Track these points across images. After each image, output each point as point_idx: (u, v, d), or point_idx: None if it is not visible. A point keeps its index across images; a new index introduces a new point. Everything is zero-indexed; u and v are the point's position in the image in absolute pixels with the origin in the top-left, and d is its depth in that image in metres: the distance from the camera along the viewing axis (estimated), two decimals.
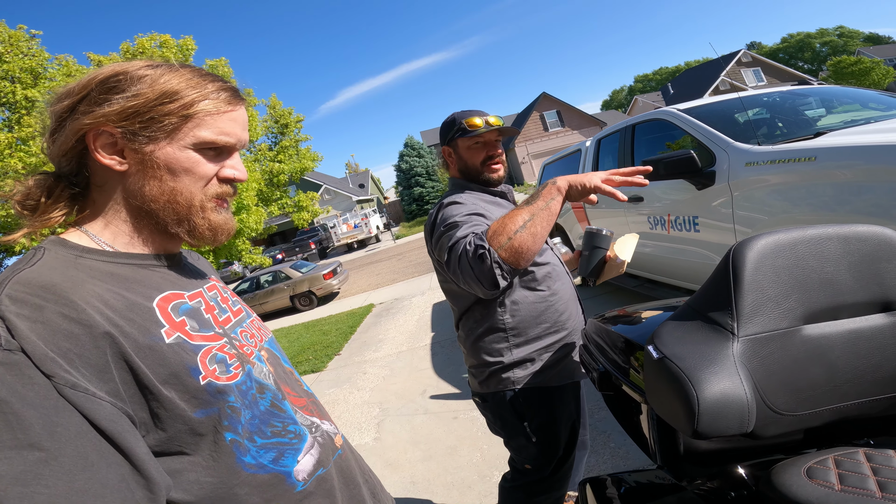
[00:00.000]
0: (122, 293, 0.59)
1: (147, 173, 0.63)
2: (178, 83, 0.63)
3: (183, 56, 8.49)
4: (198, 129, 0.64)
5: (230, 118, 0.67)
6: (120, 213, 0.65)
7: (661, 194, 3.20)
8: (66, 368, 0.49)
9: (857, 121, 2.55)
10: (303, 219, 12.07)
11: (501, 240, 1.05)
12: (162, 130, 0.62)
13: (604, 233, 1.42)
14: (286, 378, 0.77)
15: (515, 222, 1.06)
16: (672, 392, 0.72)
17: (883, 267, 0.78)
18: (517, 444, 1.40)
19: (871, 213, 1.81)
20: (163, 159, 0.63)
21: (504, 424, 1.39)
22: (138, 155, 0.62)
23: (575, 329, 1.40)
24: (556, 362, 1.34)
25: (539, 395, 1.32)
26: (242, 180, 0.71)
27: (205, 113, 0.64)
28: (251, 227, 8.27)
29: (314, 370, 5.39)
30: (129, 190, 0.64)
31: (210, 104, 0.65)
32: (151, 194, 0.63)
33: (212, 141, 0.65)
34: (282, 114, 12.97)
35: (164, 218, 0.65)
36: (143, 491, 0.51)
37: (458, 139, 1.43)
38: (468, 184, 1.46)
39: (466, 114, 1.43)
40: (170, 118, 0.62)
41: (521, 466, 1.44)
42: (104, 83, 0.62)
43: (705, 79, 34.67)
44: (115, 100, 0.61)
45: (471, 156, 1.43)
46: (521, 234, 1.05)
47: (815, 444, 0.87)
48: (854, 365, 0.77)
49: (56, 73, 7.44)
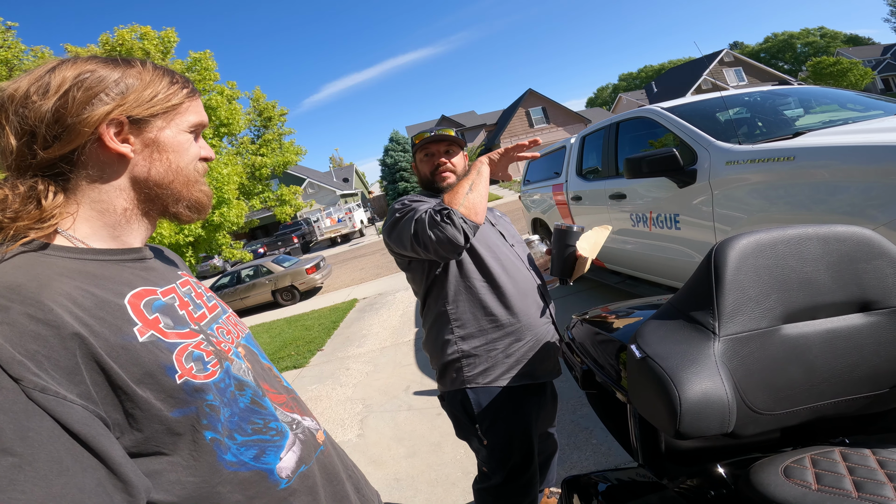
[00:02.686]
0: (92, 291, 0.56)
1: (153, 157, 0.66)
2: (154, 79, 0.68)
3: (164, 48, 8.29)
4: (188, 115, 0.71)
5: (199, 104, 0.74)
6: (84, 210, 0.63)
7: (643, 192, 3.23)
8: (34, 371, 0.47)
9: (835, 121, 2.60)
10: (285, 213, 11.93)
11: (457, 201, 1.23)
12: (160, 116, 0.67)
13: (574, 229, 1.41)
14: (265, 375, 0.76)
15: (462, 188, 1.25)
16: (654, 392, 0.71)
17: (861, 267, 0.79)
18: (473, 446, 1.44)
19: (846, 213, 1.84)
20: (167, 142, 0.67)
21: (458, 423, 1.43)
22: (143, 140, 0.66)
23: (529, 326, 1.37)
24: (509, 361, 1.33)
25: (490, 396, 1.31)
26: (212, 158, 0.78)
27: (189, 100, 0.71)
28: (232, 221, 8.12)
29: (296, 366, 5.33)
30: (135, 175, 0.66)
31: (185, 93, 0.71)
32: (160, 175, 0.67)
33: (198, 123, 0.73)
34: (265, 107, 12.78)
35: (169, 197, 0.69)
36: (121, 494, 0.50)
37: (415, 153, 1.58)
38: (427, 193, 1.56)
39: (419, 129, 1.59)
40: (165, 104, 0.67)
41: (480, 468, 1.45)
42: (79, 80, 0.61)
43: (688, 78, 35.17)
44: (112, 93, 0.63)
45: (423, 167, 1.57)
46: (470, 195, 1.23)
47: (792, 443, 0.89)
48: (831, 364, 0.78)
49: (31, 64, 7.23)
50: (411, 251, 1.29)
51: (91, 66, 0.63)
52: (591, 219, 4.09)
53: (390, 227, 1.36)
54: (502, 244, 1.48)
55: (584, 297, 4.87)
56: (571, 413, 2.65)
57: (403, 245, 1.30)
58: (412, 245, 1.26)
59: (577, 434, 2.46)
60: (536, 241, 1.76)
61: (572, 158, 4.54)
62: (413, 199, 1.41)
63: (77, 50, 7.70)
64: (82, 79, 0.61)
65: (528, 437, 1.35)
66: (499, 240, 1.49)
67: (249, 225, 11.01)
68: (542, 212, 5.31)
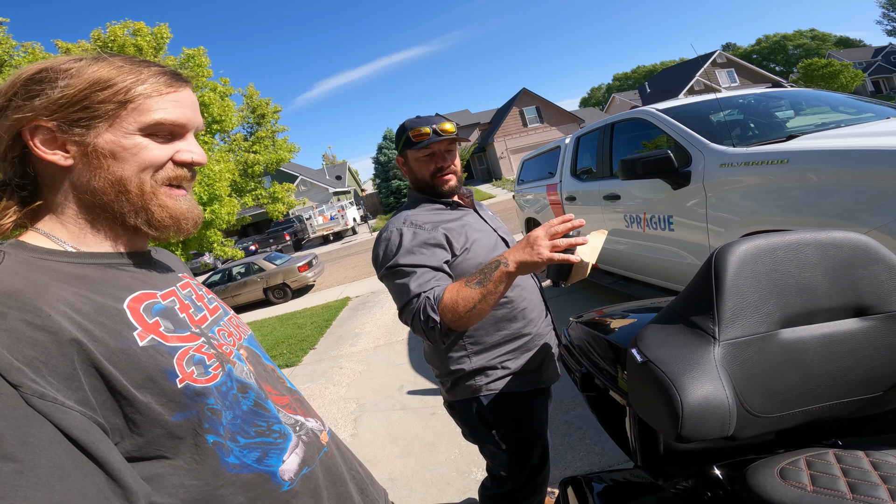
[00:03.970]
0: (90, 296, 0.56)
1: (92, 164, 0.60)
2: (108, 71, 0.60)
3: (157, 44, 8.21)
4: (139, 114, 0.61)
5: (174, 99, 0.64)
6: (74, 211, 0.62)
7: (637, 193, 3.25)
8: (32, 378, 0.47)
9: (827, 124, 2.63)
10: (278, 210, 11.86)
11: (452, 316, 1.09)
12: (99, 118, 0.59)
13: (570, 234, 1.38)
14: (267, 376, 0.76)
15: (468, 301, 1.08)
16: (656, 396, 0.72)
17: (857, 273, 0.81)
18: (489, 451, 1.41)
19: (837, 216, 1.87)
20: (107, 148, 0.60)
21: (473, 432, 1.39)
22: (80, 147, 0.59)
23: (539, 334, 1.38)
24: (521, 369, 1.32)
25: (505, 402, 1.31)
26: (201, 163, 0.68)
27: (144, 96, 0.61)
28: (223, 218, 8.07)
29: (289, 364, 5.31)
30: (78, 185, 0.61)
31: (148, 87, 0.62)
32: (100, 186, 0.60)
33: (156, 122, 0.62)
34: (259, 104, 12.69)
35: (119, 210, 0.62)
36: (119, 500, 0.50)
37: (406, 150, 1.38)
38: (422, 196, 1.42)
39: (415, 122, 1.35)
40: (105, 105, 0.59)
41: (497, 473, 1.43)
42: (30, 80, 0.59)
43: (681, 79, 35.42)
44: (45, 93, 0.58)
45: (420, 168, 1.38)
46: (471, 313, 1.09)
47: (786, 445, 0.90)
48: (827, 368, 0.79)
49: (22, 60, 7.15)
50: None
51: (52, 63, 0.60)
52: (585, 219, 4.10)
53: (387, 273, 1.25)
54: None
55: (578, 297, 4.89)
56: (565, 413, 2.66)
57: (393, 299, 1.25)
58: (399, 313, 1.22)
59: (571, 434, 2.48)
60: None
61: (567, 158, 4.55)
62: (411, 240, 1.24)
63: (68, 46, 7.60)
64: (32, 78, 0.59)
65: (544, 437, 1.38)
66: (504, 248, 1.41)
67: (241, 222, 10.95)
68: (536, 211, 5.33)
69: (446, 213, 1.37)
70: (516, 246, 1.10)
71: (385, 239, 1.27)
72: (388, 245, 1.25)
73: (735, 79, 36.36)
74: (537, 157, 5.57)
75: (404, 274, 1.19)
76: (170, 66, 0.68)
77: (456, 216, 1.37)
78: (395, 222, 1.30)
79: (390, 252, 1.23)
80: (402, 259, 1.20)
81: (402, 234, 1.25)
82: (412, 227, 1.26)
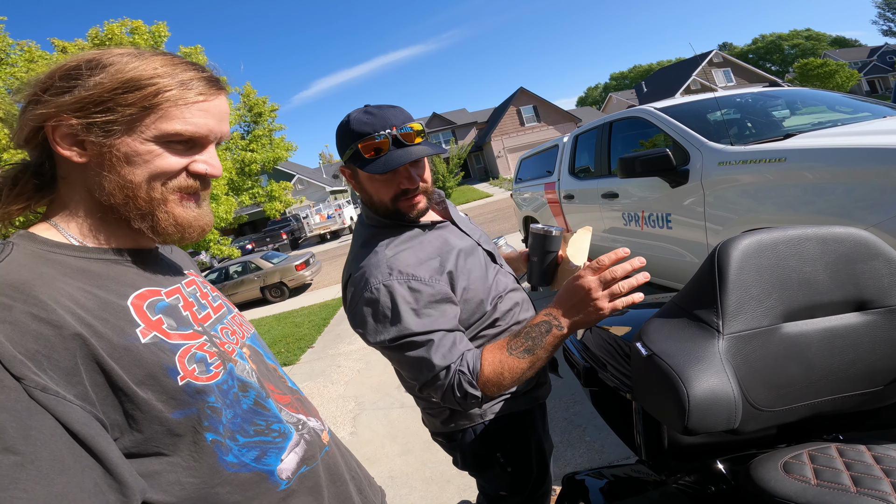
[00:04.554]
0: (95, 291, 0.56)
1: (105, 165, 0.59)
2: (143, 72, 0.59)
3: (155, 43, 8.27)
4: (161, 122, 0.60)
5: (200, 109, 0.63)
6: (85, 207, 0.62)
7: (635, 191, 3.26)
8: (34, 371, 0.47)
9: (824, 123, 2.65)
10: (275, 209, 11.85)
11: (497, 389, 0.95)
12: (121, 122, 0.58)
13: (553, 233, 1.23)
14: (269, 375, 0.76)
15: (515, 372, 0.93)
16: (662, 389, 0.73)
17: (858, 267, 0.81)
18: (489, 475, 1.27)
19: (833, 214, 1.88)
20: (123, 152, 0.59)
21: (476, 459, 1.24)
22: (97, 147, 0.59)
23: None
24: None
25: (510, 422, 1.20)
26: (215, 176, 0.67)
27: (169, 104, 0.60)
28: (220, 217, 8.09)
29: (287, 363, 5.30)
30: (90, 183, 0.61)
31: (176, 94, 0.60)
32: (110, 188, 0.60)
33: (175, 133, 0.61)
34: (256, 102, 12.65)
35: (126, 213, 0.62)
36: (115, 495, 0.50)
37: (355, 167, 1.04)
38: (383, 223, 1.10)
39: (363, 125, 1.00)
40: (129, 109, 0.58)
41: (495, 494, 1.32)
42: (66, 75, 0.59)
43: (678, 78, 35.50)
44: (75, 89, 0.58)
45: (377, 190, 1.05)
46: (517, 383, 0.95)
47: (788, 439, 0.91)
48: (829, 362, 0.80)
49: (18, 58, 7.16)
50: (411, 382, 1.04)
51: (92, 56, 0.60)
52: (583, 217, 4.12)
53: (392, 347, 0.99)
54: (503, 276, 1.21)
55: None
56: (565, 410, 2.67)
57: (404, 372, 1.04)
58: (417, 388, 1.01)
59: (570, 431, 2.48)
60: (504, 244, 1.56)
61: (565, 157, 4.56)
62: (412, 301, 0.98)
63: (64, 44, 7.61)
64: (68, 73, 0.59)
65: (542, 448, 1.28)
66: (504, 277, 1.21)
67: (238, 221, 10.91)
68: (534, 210, 5.33)
69: (429, 241, 1.10)
70: (563, 299, 0.92)
71: (371, 301, 0.98)
72: (379, 309, 0.98)
73: (731, 78, 36.50)
74: (535, 156, 5.58)
75: (417, 345, 0.96)
76: (209, 72, 0.66)
77: (440, 241, 1.11)
78: (375, 274, 1.00)
79: (387, 319, 0.97)
80: (410, 326, 0.96)
81: (394, 293, 0.97)
82: (405, 281, 0.98)
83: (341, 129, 1.04)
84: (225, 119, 0.68)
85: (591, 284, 0.88)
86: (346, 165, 1.08)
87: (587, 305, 0.88)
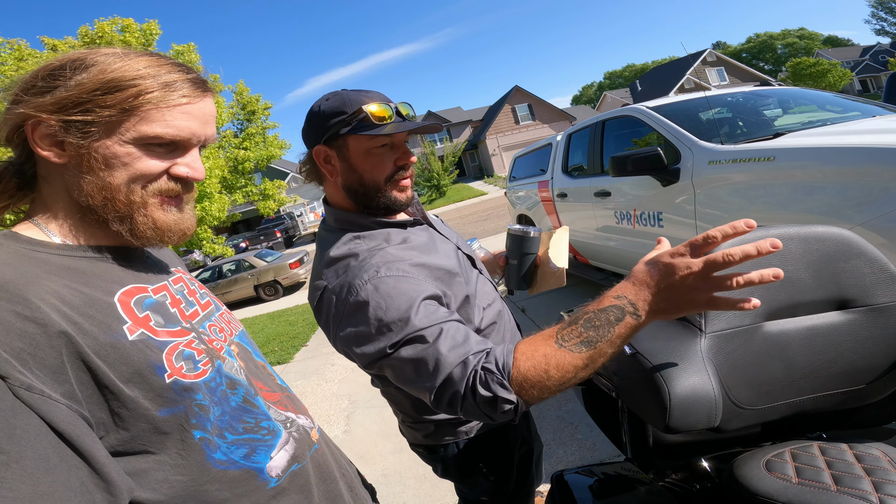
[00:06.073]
0: (80, 288, 0.56)
1: (84, 168, 0.59)
2: (125, 73, 0.58)
3: (146, 41, 8.20)
4: (141, 124, 0.59)
5: (183, 112, 0.62)
6: (65, 207, 0.62)
7: (627, 190, 3.27)
8: (19, 369, 0.47)
9: (814, 122, 2.67)
10: (268, 207, 11.80)
11: (539, 392, 0.71)
12: (99, 123, 0.58)
13: (531, 234, 1.18)
14: (258, 373, 0.75)
15: (566, 370, 0.69)
16: (645, 387, 0.73)
17: (840, 267, 0.82)
18: (471, 482, 1.22)
19: (822, 213, 1.90)
20: (101, 154, 0.58)
21: (459, 470, 1.19)
22: (76, 148, 0.58)
23: None
24: None
25: (496, 437, 1.16)
26: (198, 179, 0.66)
27: (150, 106, 0.59)
28: (213, 216, 8.03)
29: (280, 362, 5.29)
30: (69, 184, 0.60)
31: (158, 96, 0.59)
32: (89, 190, 0.59)
33: (155, 136, 0.60)
34: (249, 100, 12.58)
35: (104, 215, 0.61)
36: (102, 494, 0.50)
37: (348, 137, 0.92)
38: (358, 218, 0.99)
39: (363, 97, 0.92)
40: (108, 110, 0.57)
41: (476, 499, 1.28)
42: (54, 71, 0.59)
43: (672, 77, 35.62)
44: (56, 89, 0.57)
45: (372, 166, 0.94)
46: (565, 386, 0.71)
47: (772, 437, 0.91)
48: (810, 360, 0.81)
49: (7, 57, 7.12)
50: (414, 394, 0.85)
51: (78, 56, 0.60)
52: (575, 216, 4.14)
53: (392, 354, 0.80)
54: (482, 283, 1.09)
55: (568, 292, 4.91)
56: (557, 409, 2.68)
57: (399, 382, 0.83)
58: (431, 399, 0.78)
59: (562, 429, 2.49)
60: (479, 247, 1.48)
61: (558, 155, 4.57)
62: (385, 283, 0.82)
63: (54, 42, 7.56)
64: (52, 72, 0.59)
65: (527, 456, 1.26)
66: (484, 285, 1.09)
67: (231, 219, 10.87)
68: (528, 208, 5.34)
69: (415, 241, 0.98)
70: (644, 280, 0.68)
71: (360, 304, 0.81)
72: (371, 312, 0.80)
73: (725, 77, 36.66)
74: (529, 154, 5.59)
75: (422, 340, 0.77)
76: (196, 73, 0.66)
77: (423, 239, 1.01)
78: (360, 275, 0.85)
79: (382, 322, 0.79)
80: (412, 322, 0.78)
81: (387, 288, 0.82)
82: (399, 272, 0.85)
83: (324, 107, 0.94)
84: (210, 122, 0.67)
85: (694, 266, 0.63)
86: (329, 144, 0.95)
87: (679, 291, 0.65)
